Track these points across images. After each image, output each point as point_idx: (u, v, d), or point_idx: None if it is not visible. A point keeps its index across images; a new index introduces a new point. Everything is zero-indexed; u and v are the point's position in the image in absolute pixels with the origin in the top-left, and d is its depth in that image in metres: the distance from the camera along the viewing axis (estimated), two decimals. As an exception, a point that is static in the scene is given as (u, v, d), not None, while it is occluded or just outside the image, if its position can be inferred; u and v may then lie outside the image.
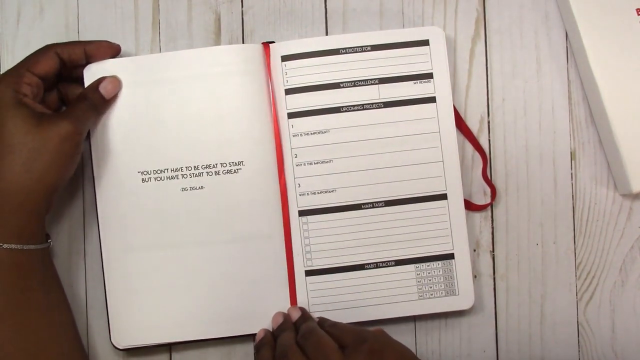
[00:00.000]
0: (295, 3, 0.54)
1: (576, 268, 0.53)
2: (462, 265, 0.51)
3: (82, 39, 0.54)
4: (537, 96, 0.54)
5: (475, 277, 0.52)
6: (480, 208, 0.53)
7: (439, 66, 0.52)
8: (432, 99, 0.52)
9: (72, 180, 0.53)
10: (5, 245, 0.44)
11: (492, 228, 0.53)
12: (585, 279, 0.53)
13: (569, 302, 0.53)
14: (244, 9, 0.55)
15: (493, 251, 0.53)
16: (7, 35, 0.54)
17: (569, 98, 0.54)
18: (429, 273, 0.51)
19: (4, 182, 0.45)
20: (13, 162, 0.45)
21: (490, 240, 0.53)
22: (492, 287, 0.53)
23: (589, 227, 0.53)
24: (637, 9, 0.51)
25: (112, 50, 0.51)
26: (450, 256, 0.51)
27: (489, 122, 0.54)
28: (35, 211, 0.46)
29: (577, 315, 0.53)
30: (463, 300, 0.51)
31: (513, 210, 0.53)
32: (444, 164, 0.51)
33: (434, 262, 0.51)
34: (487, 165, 0.53)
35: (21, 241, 0.45)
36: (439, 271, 0.51)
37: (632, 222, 0.53)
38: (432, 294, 0.51)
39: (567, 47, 0.54)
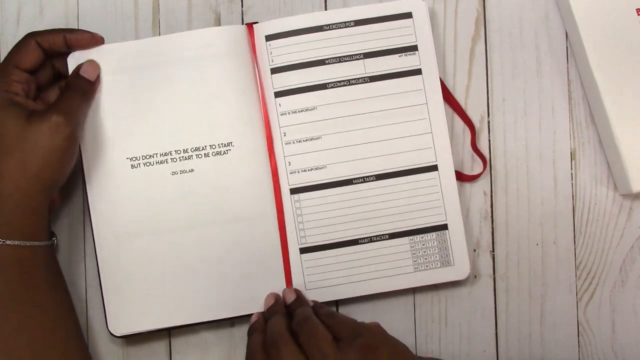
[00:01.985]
0: (295, 3, 0.54)
1: (576, 268, 0.53)
2: (456, 235, 0.51)
3: (82, 38, 0.54)
4: (537, 96, 0.54)
5: (476, 277, 0.52)
6: (472, 178, 0.53)
7: (423, 38, 0.52)
8: (417, 71, 0.52)
9: (71, 177, 0.53)
10: (8, 242, 0.44)
11: (492, 228, 0.53)
12: (585, 279, 0.53)
13: (569, 302, 0.53)
14: (244, 9, 0.55)
15: (493, 251, 0.53)
16: (7, 35, 0.54)
17: (569, 98, 0.54)
18: (424, 245, 0.51)
19: (1, 182, 0.45)
20: (8, 163, 0.44)
21: (490, 240, 0.53)
22: (492, 287, 0.53)
23: (589, 227, 0.53)
24: (637, 9, 0.51)
25: (95, 42, 0.50)
26: (444, 227, 0.51)
27: (489, 122, 0.54)
28: (37, 209, 0.46)
29: (577, 315, 0.53)
30: (459, 270, 0.51)
31: (513, 210, 0.53)
32: (432, 136, 0.51)
33: (428, 234, 0.51)
34: (476, 135, 0.53)
35: (24, 238, 0.45)
36: (434, 242, 0.51)
37: (632, 222, 0.53)
38: (427, 266, 0.51)
39: (567, 47, 0.54)
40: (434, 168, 0.51)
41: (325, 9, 0.54)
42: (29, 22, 0.54)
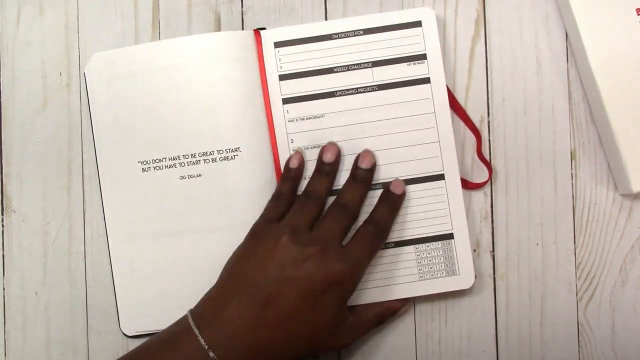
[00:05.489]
0: (295, 3, 0.54)
1: (576, 268, 0.53)
2: (462, 244, 0.51)
3: (82, 39, 0.54)
4: (537, 96, 0.54)
5: (476, 277, 0.52)
6: (477, 186, 0.53)
7: (432, 47, 0.52)
8: (426, 80, 0.52)
9: (72, 179, 0.53)
10: None
11: (492, 228, 0.53)
12: (585, 279, 0.53)
13: (569, 302, 0.53)
14: (244, 9, 0.55)
15: (493, 251, 0.53)
16: (7, 35, 0.54)
17: (569, 98, 0.54)
18: (429, 254, 0.51)
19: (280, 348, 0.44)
20: (295, 344, 0.44)
21: (490, 240, 0.53)
22: (492, 287, 0.53)
23: (589, 227, 0.53)
24: (637, 9, 0.51)
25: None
26: (450, 236, 0.51)
27: (489, 122, 0.54)
28: None
29: (577, 315, 0.53)
30: (463, 279, 0.51)
31: (513, 210, 0.53)
32: (440, 145, 0.51)
33: (434, 243, 0.51)
34: (482, 144, 0.53)
35: None
36: (439, 251, 0.51)
37: (632, 222, 0.53)
38: (432, 275, 0.51)
39: (567, 47, 0.54)
40: (440, 177, 0.51)
41: (325, 9, 0.54)
42: (29, 22, 0.54)
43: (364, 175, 0.50)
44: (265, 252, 0.45)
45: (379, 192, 0.51)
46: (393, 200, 0.49)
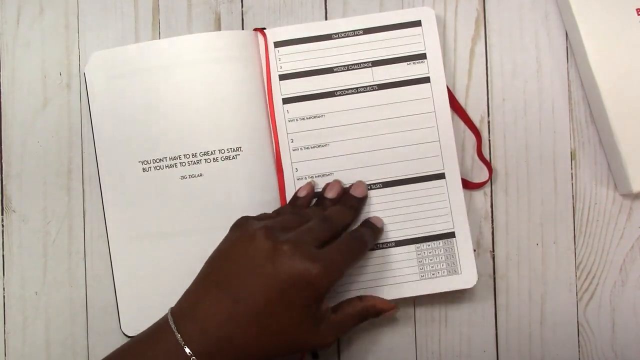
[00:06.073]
0: (295, 3, 0.54)
1: (576, 268, 0.53)
2: (464, 243, 0.51)
3: (82, 39, 0.54)
4: (537, 96, 0.54)
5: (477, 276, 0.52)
6: (477, 186, 0.53)
7: (432, 46, 0.52)
8: (426, 79, 0.52)
9: (72, 179, 0.53)
10: None
11: (492, 228, 0.53)
12: (585, 279, 0.53)
13: (569, 302, 0.53)
14: (244, 9, 0.55)
15: (493, 251, 0.53)
16: (7, 35, 0.54)
17: (569, 98, 0.54)
18: (430, 252, 0.51)
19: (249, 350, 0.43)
20: (269, 342, 0.43)
21: (490, 240, 0.53)
22: (492, 287, 0.53)
23: (589, 227, 0.53)
24: (637, 9, 0.51)
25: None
26: (451, 235, 0.51)
27: (489, 122, 0.54)
28: None
29: (577, 315, 0.53)
30: (466, 279, 0.51)
31: (513, 210, 0.53)
32: (440, 143, 0.51)
33: (435, 242, 0.51)
34: (482, 144, 0.53)
35: None
36: (440, 250, 0.51)
37: (632, 222, 0.53)
38: (434, 274, 0.50)
39: (567, 47, 0.54)
40: (441, 176, 0.51)
41: (325, 9, 0.54)
42: (29, 22, 0.54)
43: (354, 203, 0.50)
44: (240, 245, 0.45)
45: (378, 191, 0.51)
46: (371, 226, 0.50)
